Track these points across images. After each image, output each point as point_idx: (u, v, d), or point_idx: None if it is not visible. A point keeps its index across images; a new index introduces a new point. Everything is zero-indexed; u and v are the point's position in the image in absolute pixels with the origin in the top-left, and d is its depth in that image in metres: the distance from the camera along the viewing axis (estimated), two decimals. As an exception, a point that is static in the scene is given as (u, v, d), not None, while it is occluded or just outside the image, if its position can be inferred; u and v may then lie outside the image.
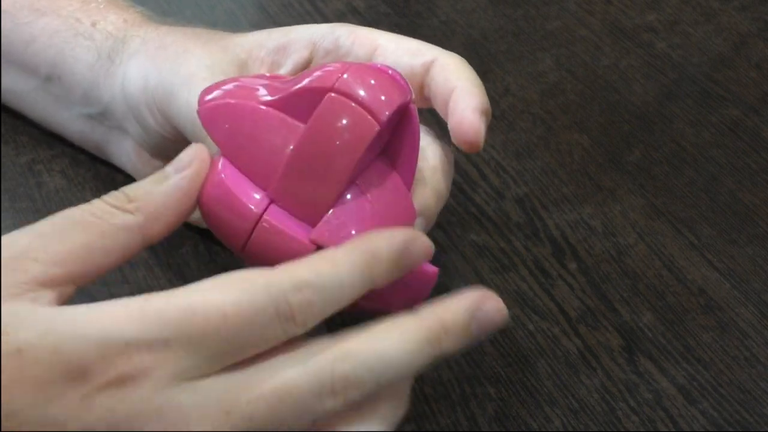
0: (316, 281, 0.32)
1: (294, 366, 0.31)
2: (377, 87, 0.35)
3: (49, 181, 0.52)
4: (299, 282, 0.32)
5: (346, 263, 0.32)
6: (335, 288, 0.32)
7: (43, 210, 0.50)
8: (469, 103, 0.39)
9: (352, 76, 0.35)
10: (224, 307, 0.31)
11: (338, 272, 0.32)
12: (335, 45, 0.42)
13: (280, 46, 0.42)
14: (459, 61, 0.41)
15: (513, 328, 0.45)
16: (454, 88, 0.40)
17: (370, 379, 0.32)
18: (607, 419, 0.41)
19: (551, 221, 0.50)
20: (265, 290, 0.31)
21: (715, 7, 0.64)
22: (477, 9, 0.64)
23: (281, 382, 0.31)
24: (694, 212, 0.50)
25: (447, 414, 0.41)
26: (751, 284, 0.47)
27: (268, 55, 0.42)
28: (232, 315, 0.31)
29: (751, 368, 0.43)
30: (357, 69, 0.35)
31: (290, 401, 0.31)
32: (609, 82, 0.58)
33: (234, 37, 0.44)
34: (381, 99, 0.35)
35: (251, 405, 0.31)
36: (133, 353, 0.30)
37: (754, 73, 0.59)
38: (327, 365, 0.31)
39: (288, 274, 0.32)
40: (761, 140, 0.54)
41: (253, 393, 0.31)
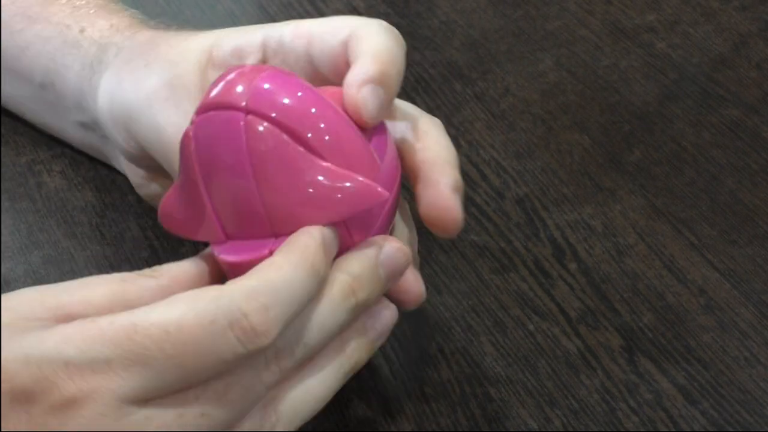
0: (267, 286, 0.31)
1: None
2: (232, 83, 0.35)
3: (49, 181, 0.52)
4: (250, 290, 0.31)
5: (285, 263, 0.32)
6: (286, 289, 0.32)
7: (43, 210, 0.50)
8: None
9: (211, 89, 0.35)
10: (167, 323, 0.30)
11: (283, 272, 0.32)
12: (280, 44, 0.41)
13: (235, 50, 0.42)
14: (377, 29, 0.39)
15: (513, 328, 0.45)
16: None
17: (297, 346, 0.33)
18: (607, 419, 0.41)
19: (551, 221, 0.50)
20: (213, 303, 0.30)
21: (715, 7, 0.64)
22: (477, 9, 0.64)
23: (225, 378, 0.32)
24: (695, 212, 0.50)
25: (447, 414, 0.41)
26: (752, 284, 0.47)
27: (225, 59, 0.42)
28: (175, 330, 0.30)
29: (751, 368, 0.43)
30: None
31: (236, 386, 0.31)
32: (609, 82, 0.58)
33: (196, 38, 0.43)
34: (235, 88, 0.34)
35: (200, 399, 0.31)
36: (74, 374, 0.29)
37: (754, 73, 0.59)
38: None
39: (237, 285, 0.31)
40: (761, 140, 0.54)
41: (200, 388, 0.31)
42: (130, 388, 0.30)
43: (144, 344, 0.30)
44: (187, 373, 0.30)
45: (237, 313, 0.30)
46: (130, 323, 0.30)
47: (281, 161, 0.34)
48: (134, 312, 0.31)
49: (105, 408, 0.29)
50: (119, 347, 0.30)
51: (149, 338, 0.30)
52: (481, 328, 0.45)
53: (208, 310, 0.30)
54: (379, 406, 0.42)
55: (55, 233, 0.49)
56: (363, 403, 0.42)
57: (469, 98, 0.57)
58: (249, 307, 0.30)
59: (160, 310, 0.30)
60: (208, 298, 0.31)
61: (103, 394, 0.29)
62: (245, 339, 0.30)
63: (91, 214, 0.50)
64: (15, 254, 0.48)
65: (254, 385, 0.32)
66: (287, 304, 0.31)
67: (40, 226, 0.50)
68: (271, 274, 0.32)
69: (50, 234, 0.49)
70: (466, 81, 0.59)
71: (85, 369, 0.29)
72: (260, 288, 0.31)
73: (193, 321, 0.30)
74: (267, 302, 0.31)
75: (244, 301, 0.30)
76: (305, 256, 0.33)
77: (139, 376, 0.30)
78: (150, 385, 0.30)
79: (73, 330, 0.30)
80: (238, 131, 0.34)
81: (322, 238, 0.34)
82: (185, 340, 0.30)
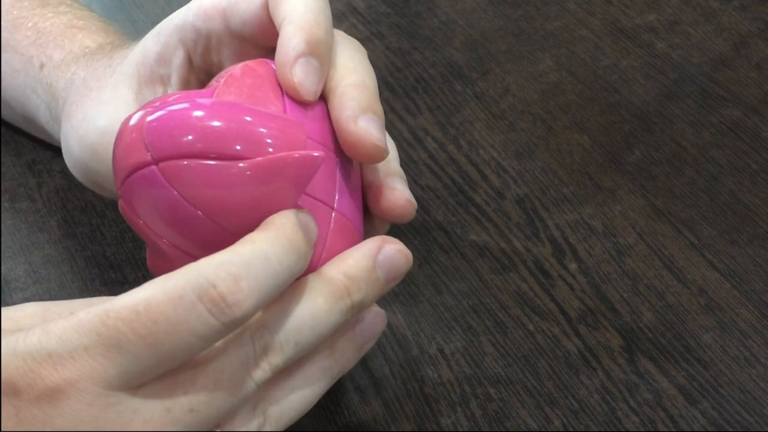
0: (239, 258, 0.31)
1: (220, 347, 0.32)
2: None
3: (49, 181, 0.52)
4: (220, 262, 0.30)
5: (260, 238, 0.32)
6: (261, 262, 0.31)
7: (43, 210, 0.50)
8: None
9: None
10: (136, 303, 0.30)
11: (258, 246, 0.31)
12: (196, 32, 0.40)
13: (159, 58, 0.41)
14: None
15: (513, 328, 0.45)
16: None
17: (288, 345, 0.32)
18: (607, 419, 0.41)
19: (551, 221, 0.50)
20: (182, 277, 0.30)
21: (715, 7, 0.64)
22: (477, 9, 0.64)
23: (212, 366, 0.31)
24: (695, 212, 0.50)
25: (447, 414, 0.41)
26: (752, 284, 0.47)
27: (154, 70, 0.41)
28: (144, 310, 0.29)
29: (751, 368, 0.43)
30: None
31: (225, 382, 0.31)
32: (609, 82, 0.58)
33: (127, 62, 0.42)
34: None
35: (189, 395, 0.31)
36: (57, 365, 0.30)
37: (754, 73, 0.59)
38: (248, 339, 0.32)
39: (207, 260, 0.31)
40: (761, 140, 0.54)
41: (188, 384, 0.31)
42: (111, 374, 0.30)
43: (116, 327, 0.29)
44: (163, 352, 0.30)
45: (205, 284, 0.30)
46: (103, 310, 0.30)
47: (209, 183, 0.33)
48: (109, 299, 0.31)
49: (90, 396, 0.29)
50: (94, 333, 0.29)
51: (120, 321, 0.29)
52: (481, 328, 0.45)
53: (177, 285, 0.30)
54: (379, 406, 0.42)
55: (55, 233, 0.49)
56: (363, 403, 0.42)
57: (469, 98, 0.57)
58: (217, 278, 0.30)
59: (131, 293, 0.30)
60: (178, 274, 0.30)
61: (86, 382, 0.29)
62: (216, 310, 0.30)
63: (91, 214, 0.50)
64: (15, 254, 0.48)
65: (244, 381, 0.32)
66: (262, 277, 0.31)
67: (40, 226, 0.50)
68: (243, 248, 0.31)
69: (50, 234, 0.49)
70: (466, 81, 0.59)
71: (66, 358, 0.29)
72: (231, 259, 0.30)
73: (162, 298, 0.30)
74: (237, 272, 0.30)
75: (212, 272, 0.30)
76: (281, 232, 0.32)
77: (117, 360, 0.29)
78: (129, 368, 0.30)
79: (54, 324, 0.30)
80: (160, 182, 0.33)
81: (297, 218, 0.33)
82: (155, 318, 0.29)
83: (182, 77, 0.41)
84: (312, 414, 0.41)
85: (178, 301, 0.29)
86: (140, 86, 0.41)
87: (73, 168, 0.45)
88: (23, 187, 0.51)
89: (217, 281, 0.30)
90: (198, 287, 0.30)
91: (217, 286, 0.30)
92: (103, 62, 0.44)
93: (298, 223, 0.33)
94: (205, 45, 0.40)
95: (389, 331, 0.45)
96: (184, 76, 0.41)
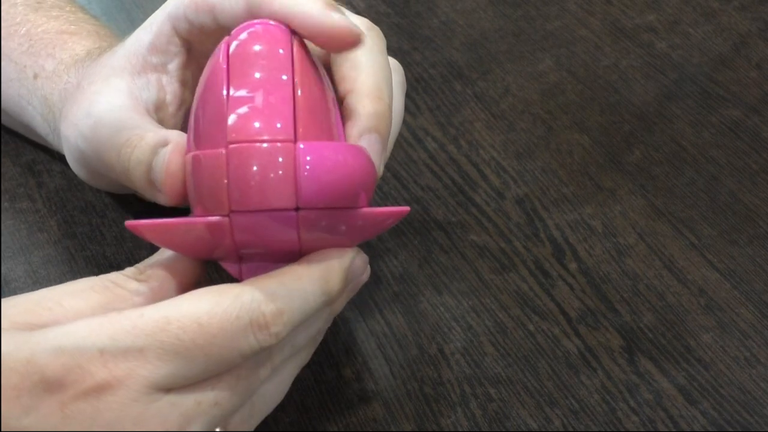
0: (285, 292, 0.33)
1: None
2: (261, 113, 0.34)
3: (49, 181, 0.52)
4: (270, 293, 0.33)
5: (307, 276, 0.34)
6: (301, 298, 0.34)
7: (43, 210, 0.50)
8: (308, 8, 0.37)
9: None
10: (199, 316, 0.32)
11: (302, 284, 0.34)
12: (189, 23, 0.40)
13: (151, 47, 0.41)
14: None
15: (513, 328, 0.45)
16: None
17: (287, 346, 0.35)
18: (607, 419, 0.41)
19: (551, 221, 0.50)
20: (237, 300, 0.32)
21: (715, 7, 0.64)
22: (477, 9, 0.64)
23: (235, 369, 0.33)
24: (695, 212, 0.50)
25: (447, 414, 0.41)
26: (752, 284, 0.47)
27: (147, 59, 0.42)
28: (206, 324, 0.32)
29: (751, 368, 0.43)
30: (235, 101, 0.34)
31: (243, 381, 0.34)
32: (609, 82, 0.58)
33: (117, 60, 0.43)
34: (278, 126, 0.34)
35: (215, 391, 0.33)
36: (108, 361, 0.31)
37: (754, 73, 0.59)
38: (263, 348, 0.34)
39: (258, 286, 0.33)
40: (761, 140, 0.54)
41: (215, 380, 0.33)
42: (161, 376, 0.31)
43: (177, 335, 0.31)
44: (211, 363, 0.32)
45: (257, 312, 0.32)
46: (162, 316, 0.32)
47: (331, 230, 0.35)
48: (162, 305, 0.32)
49: (136, 393, 0.31)
50: (152, 337, 0.31)
51: (182, 329, 0.31)
52: (481, 328, 0.45)
53: (234, 306, 0.32)
54: (379, 406, 0.42)
55: (55, 233, 0.49)
56: (363, 403, 0.42)
57: (469, 98, 0.57)
58: (267, 308, 0.33)
59: (189, 304, 0.32)
60: (232, 295, 0.32)
61: (135, 380, 0.31)
62: (261, 337, 0.33)
63: (91, 214, 0.50)
64: (15, 254, 0.48)
65: (255, 379, 0.34)
66: (297, 312, 0.34)
67: (40, 226, 0.50)
68: (290, 281, 0.34)
69: (50, 234, 0.49)
70: (466, 81, 0.59)
71: (119, 357, 0.31)
72: (278, 291, 0.33)
73: (222, 315, 0.32)
74: (283, 306, 0.33)
75: (264, 301, 0.33)
76: (326, 275, 0.35)
77: (170, 364, 0.31)
78: (179, 373, 0.31)
79: (102, 321, 0.32)
80: (292, 225, 0.34)
81: (350, 264, 0.36)
82: (215, 332, 0.32)
83: (182, 63, 0.42)
84: (312, 414, 0.41)
85: (235, 321, 0.32)
86: (132, 76, 0.42)
87: (73, 162, 0.45)
88: (23, 187, 0.51)
89: (266, 310, 0.33)
90: (251, 312, 0.32)
91: (266, 315, 0.33)
92: (92, 66, 0.44)
93: (345, 270, 0.35)
94: (199, 35, 0.41)
95: (389, 331, 0.45)
96: (184, 62, 0.42)
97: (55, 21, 0.49)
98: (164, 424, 0.32)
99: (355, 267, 0.36)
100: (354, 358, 0.43)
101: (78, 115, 0.42)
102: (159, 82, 0.42)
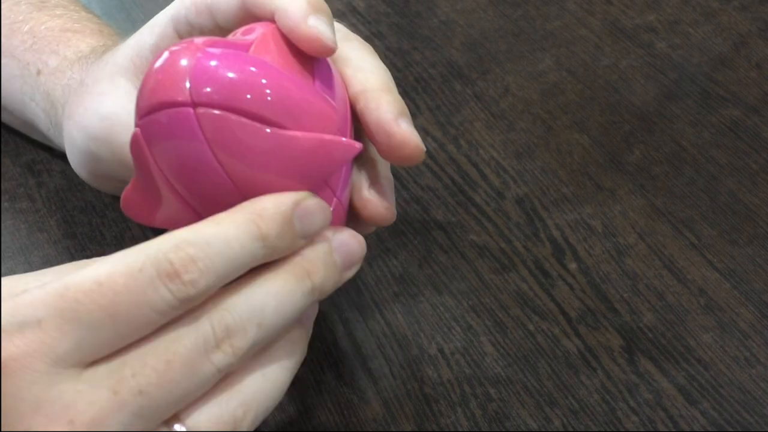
0: (197, 238, 0.31)
1: (174, 329, 0.31)
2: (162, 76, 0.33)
3: (49, 181, 0.52)
4: (179, 241, 0.30)
5: (228, 221, 0.32)
6: (220, 244, 0.31)
7: (43, 210, 0.50)
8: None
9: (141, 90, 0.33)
10: (98, 275, 0.29)
11: (221, 229, 0.31)
12: (189, 25, 0.40)
13: (154, 49, 0.41)
14: None
15: (513, 328, 0.45)
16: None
17: (250, 325, 0.32)
18: (607, 419, 0.41)
19: (551, 221, 0.50)
20: (142, 253, 0.30)
21: (715, 7, 0.64)
22: (477, 9, 0.64)
23: (164, 347, 0.30)
24: (694, 212, 0.50)
25: (447, 414, 0.41)
26: (752, 284, 0.47)
27: (149, 62, 0.41)
28: (106, 281, 0.29)
29: (751, 368, 0.43)
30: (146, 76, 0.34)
31: (178, 364, 0.30)
32: (609, 82, 0.58)
33: (121, 55, 0.43)
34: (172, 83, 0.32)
35: (138, 377, 0.30)
36: (4, 340, 0.28)
37: (754, 73, 0.59)
38: (206, 321, 0.31)
39: (167, 237, 0.31)
40: (761, 140, 0.54)
41: (137, 365, 0.30)
42: (63, 349, 0.29)
43: (76, 298, 0.29)
44: (121, 323, 0.29)
45: (164, 261, 0.30)
46: (62, 284, 0.29)
47: (244, 143, 0.32)
48: (65, 274, 0.30)
49: (34, 374, 0.28)
50: (50, 306, 0.29)
51: (81, 292, 0.29)
52: (481, 328, 0.45)
53: (137, 260, 0.30)
54: (379, 406, 0.42)
55: (55, 233, 0.49)
56: (363, 403, 0.42)
57: (469, 98, 0.57)
58: (175, 256, 0.30)
59: (90, 267, 0.30)
60: (137, 249, 0.30)
61: (33, 358, 0.28)
62: (173, 287, 0.30)
63: (91, 214, 0.50)
64: (15, 254, 0.48)
65: (201, 363, 0.31)
66: (217, 258, 0.31)
67: (39, 226, 0.50)
68: (206, 228, 0.31)
69: (50, 234, 0.49)
70: (466, 81, 0.59)
71: (15, 333, 0.29)
72: (190, 238, 0.31)
73: (123, 270, 0.30)
74: (194, 253, 0.30)
75: (171, 250, 0.30)
76: (253, 217, 0.32)
77: (72, 333, 0.29)
78: (84, 340, 0.29)
79: (6, 300, 0.29)
80: (192, 126, 0.32)
81: (292, 204, 0.33)
82: (117, 289, 0.29)
83: None
84: (312, 414, 0.41)
85: (138, 274, 0.30)
86: (136, 76, 0.42)
87: (77, 164, 0.45)
88: (23, 187, 0.51)
89: (174, 258, 0.30)
90: (156, 263, 0.30)
91: (174, 263, 0.30)
92: (96, 63, 0.44)
93: (282, 213, 0.32)
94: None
95: (389, 331, 0.45)
96: None
97: (58, 19, 0.49)
98: (69, 408, 0.29)
99: (305, 209, 0.33)
100: (354, 358, 0.43)
101: (86, 116, 0.42)
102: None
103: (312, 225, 0.34)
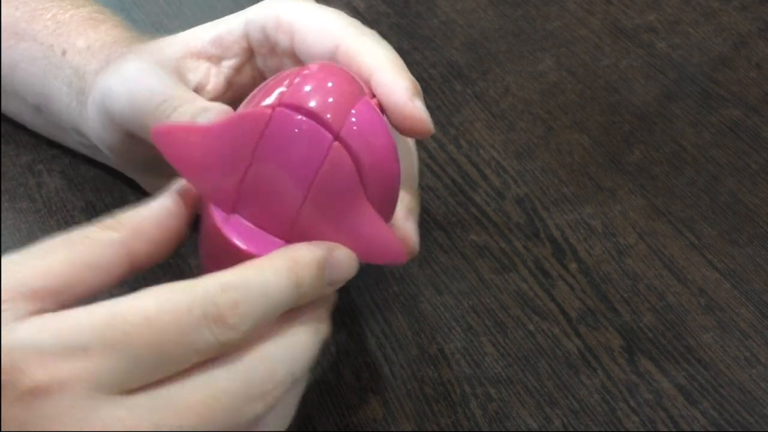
0: (240, 282, 0.31)
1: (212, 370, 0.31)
2: (327, 94, 0.35)
3: (49, 181, 0.52)
4: (224, 284, 0.31)
5: (269, 267, 0.32)
6: (260, 289, 0.32)
7: (43, 210, 0.50)
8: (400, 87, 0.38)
9: (300, 86, 0.35)
10: (147, 311, 0.30)
11: (263, 275, 0.32)
12: (264, 35, 0.41)
13: (215, 38, 0.42)
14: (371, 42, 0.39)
15: (513, 328, 0.45)
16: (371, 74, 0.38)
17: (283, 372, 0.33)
18: (607, 419, 0.41)
19: (551, 221, 0.50)
20: (189, 293, 0.30)
21: (715, 7, 0.64)
22: (477, 9, 0.64)
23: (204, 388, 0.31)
24: (695, 212, 0.50)
25: (447, 414, 0.41)
26: (752, 284, 0.47)
27: (205, 47, 0.42)
28: (155, 318, 0.30)
29: (752, 368, 0.43)
30: (305, 77, 0.35)
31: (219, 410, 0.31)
32: (609, 82, 0.58)
33: (168, 38, 0.44)
34: (333, 106, 0.34)
35: (179, 416, 0.30)
36: (48, 362, 0.28)
37: (754, 73, 0.59)
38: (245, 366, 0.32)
39: (212, 279, 0.31)
40: (761, 140, 0.54)
41: (181, 403, 0.30)
42: (105, 376, 0.29)
43: (124, 330, 0.29)
44: (162, 360, 0.30)
45: (210, 305, 0.30)
46: (109, 312, 0.30)
47: (341, 192, 0.34)
48: (111, 301, 0.30)
49: (76, 398, 0.28)
50: (98, 334, 0.29)
51: (129, 324, 0.29)
52: (481, 328, 0.45)
53: (185, 299, 0.30)
54: (379, 406, 0.42)
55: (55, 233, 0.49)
56: (363, 403, 0.42)
57: (469, 98, 0.57)
58: (220, 300, 0.31)
59: (137, 300, 0.30)
60: (183, 287, 0.31)
61: (76, 383, 0.28)
62: (217, 330, 0.30)
63: (91, 214, 0.50)
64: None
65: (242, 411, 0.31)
66: (257, 304, 0.31)
67: (40, 226, 0.50)
68: (248, 272, 0.32)
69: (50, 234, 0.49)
70: (466, 81, 0.59)
71: (59, 356, 0.29)
72: (234, 282, 0.31)
73: (172, 308, 0.30)
74: (238, 297, 0.31)
75: (218, 293, 0.31)
76: (290, 264, 0.33)
77: (116, 363, 0.29)
78: (126, 371, 0.29)
79: (47, 319, 0.30)
80: (321, 150, 0.34)
81: (325, 256, 0.34)
82: (164, 327, 0.30)
83: (236, 65, 0.43)
84: (312, 414, 0.41)
85: (186, 314, 0.30)
86: (185, 55, 0.42)
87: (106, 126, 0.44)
88: (23, 187, 0.51)
89: (219, 302, 0.31)
90: (203, 304, 0.30)
91: (219, 306, 0.31)
92: (141, 45, 0.44)
93: (318, 263, 0.33)
94: (269, 50, 0.42)
95: (389, 331, 0.45)
96: (238, 65, 0.43)
97: (82, 8, 0.49)
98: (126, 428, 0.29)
99: (336, 260, 0.34)
100: (354, 358, 0.43)
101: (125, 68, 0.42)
102: (207, 71, 0.42)
103: (340, 275, 0.35)
